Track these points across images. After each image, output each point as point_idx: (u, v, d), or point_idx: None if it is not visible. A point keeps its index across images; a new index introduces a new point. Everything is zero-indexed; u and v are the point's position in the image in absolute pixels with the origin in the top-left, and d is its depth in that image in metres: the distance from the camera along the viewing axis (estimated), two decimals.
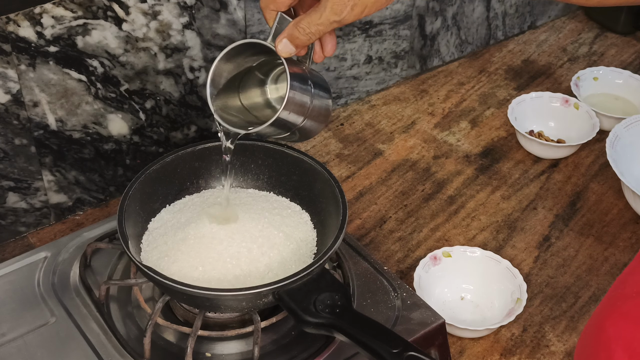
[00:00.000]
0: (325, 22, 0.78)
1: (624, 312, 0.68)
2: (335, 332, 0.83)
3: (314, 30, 0.79)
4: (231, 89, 0.90)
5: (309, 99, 0.85)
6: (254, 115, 0.91)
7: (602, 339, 0.69)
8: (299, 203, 1.01)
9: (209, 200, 1.00)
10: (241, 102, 0.91)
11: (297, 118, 0.85)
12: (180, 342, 0.91)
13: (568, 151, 1.30)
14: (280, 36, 0.80)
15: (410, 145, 1.33)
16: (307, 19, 0.79)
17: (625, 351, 0.66)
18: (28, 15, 0.96)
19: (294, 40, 0.80)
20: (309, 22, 0.79)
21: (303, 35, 0.79)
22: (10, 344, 0.90)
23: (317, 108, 0.87)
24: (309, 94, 0.85)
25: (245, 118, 0.90)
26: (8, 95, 1.00)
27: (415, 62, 1.46)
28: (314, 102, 0.86)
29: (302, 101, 0.85)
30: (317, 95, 0.86)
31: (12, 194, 1.07)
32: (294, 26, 0.80)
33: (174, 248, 0.92)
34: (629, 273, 0.71)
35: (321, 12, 0.78)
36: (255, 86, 0.91)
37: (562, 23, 1.65)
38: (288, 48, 0.80)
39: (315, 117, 0.88)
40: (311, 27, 0.79)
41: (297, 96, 0.83)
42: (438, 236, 1.16)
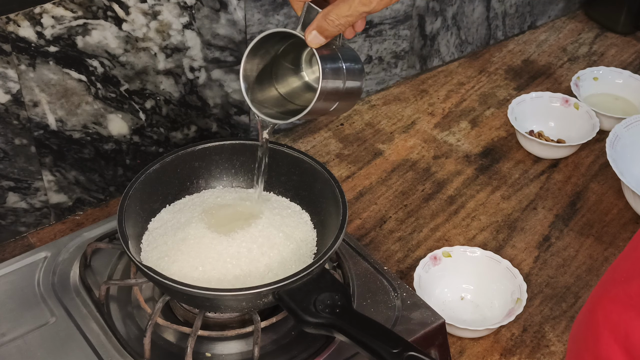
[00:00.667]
0: (354, 14, 0.79)
1: (612, 296, 0.69)
2: (335, 332, 0.83)
3: (343, 22, 0.79)
4: (265, 81, 0.90)
5: (341, 81, 0.85)
6: (293, 103, 0.91)
7: (591, 322, 0.70)
8: (299, 203, 1.01)
9: (209, 200, 1.01)
10: (278, 92, 0.91)
11: (333, 100, 0.86)
12: (180, 342, 0.91)
13: (568, 151, 1.30)
14: (310, 27, 0.81)
15: (410, 145, 1.33)
16: (336, 10, 0.79)
17: (612, 333, 0.67)
18: (28, 15, 0.96)
19: (324, 32, 0.80)
20: (337, 14, 0.79)
21: (332, 27, 0.80)
22: (10, 344, 0.90)
23: (350, 85, 0.87)
24: (342, 74, 0.85)
25: (283, 107, 0.90)
26: (8, 95, 1.00)
27: (415, 62, 1.46)
28: (347, 81, 0.86)
29: (336, 86, 0.85)
30: (350, 73, 0.86)
31: (12, 194, 1.07)
32: (322, 18, 0.80)
33: (174, 248, 0.92)
34: (621, 259, 0.72)
35: (350, 3, 0.78)
36: (290, 72, 0.91)
37: (562, 23, 1.65)
38: (318, 39, 0.81)
39: (349, 93, 0.88)
40: (340, 19, 0.79)
41: (329, 83, 0.83)
42: (438, 236, 1.16)
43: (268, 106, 0.90)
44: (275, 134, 1.32)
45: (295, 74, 0.92)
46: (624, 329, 0.66)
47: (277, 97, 0.91)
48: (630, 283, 0.68)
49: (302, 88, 0.92)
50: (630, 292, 0.67)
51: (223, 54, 1.16)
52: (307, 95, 0.90)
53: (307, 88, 0.91)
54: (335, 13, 0.79)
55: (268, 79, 0.90)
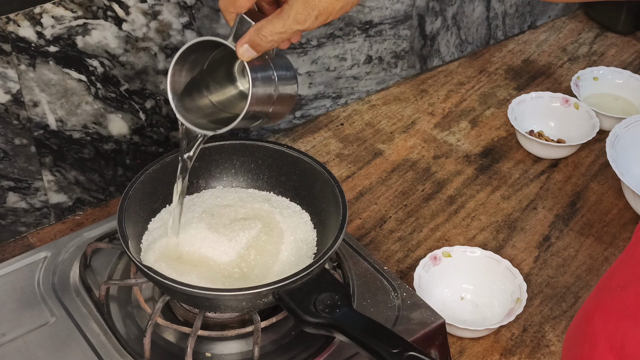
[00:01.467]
0: (288, 31, 0.78)
1: (608, 304, 0.69)
2: (335, 332, 0.83)
3: (276, 39, 0.79)
4: (195, 90, 0.88)
5: (273, 89, 0.84)
6: (227, 112, 0.89)
7: (588, 330, 0.70)
8: (299, 203, 1.01)
9: (209, 200, 1.01)
10: (211, 101, 0.89)
11: (265, 109, 0.84)
12: (180, 342, 0.91)
13: (568, 151, 1.30)
14: (241, 41, 0.80)
15: (410, 145, 1.33)
16: (270, 27, 0.78)
17: (608, 343, 0.67)
18: (28, 15, 0.96)
19: (255, 47, 0.79)
20: (271, 31, 0.78)
21: (265, 42, 0.79)
22: (10, 344, 0.90)
23: (283, 95, 0.86)
24: (273, 83, 0.84)
25: (216, 116, 0.89)
26: (8, 95, 1.00)
27: (415, 62, 1.46)
28: (279, 89, 0.85)
29: (267, 94, 0.83)
30: (282, 81, 0.85)
31: (12, 194, 1.07)
32: (255, 33, 0.79)
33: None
34: (617, 266, 0.72)
35: (284, 20, 0.77)
36: (223, 80, 0.90)
37: (562, 23, 1.65)
38: (249, 53, 0.80)
39: (281, 102, 0.87)
40: (273, 35, 0.78)
41: (260, 91, 0.82)
42: (438, 236, 1.16)
43: (199, 116, 0.88)
44: (275, 134, 1.32)
45: (228, 82, 0.90)
46: (620, 339, 0.66)
47: (208, 106, 0.89)
48: (626, 291, 0.68)
49: (236, 96, 0.90)
50: (626, 301, 0.67)
51: None
52: (242, 104, 0.87)
53: (241, 96, 0.90)
54: (268, 29, 0.78)
55: (198, 88, 0.88)
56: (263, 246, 0.93)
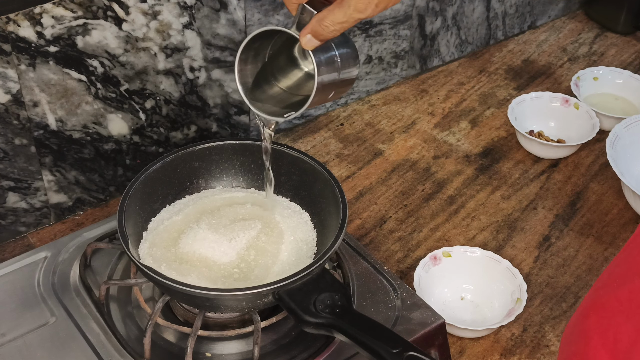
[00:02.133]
0: (349, 20, 0.80)
1: (603, 302, 0.69)
2: (335, 332, 0.83)
3: (338, 28, 0.80)
4: (262, 80, 0.90)
5: (337, 71, 0.86)
6: (298, 95, 0.91)
7: (582, 327, 0.70)
8: (299, 203, 1.01)
9: (209, 200, 1.01)
10: (280, 87, 0.91)
11: (330, 88, 0.86)
12: (180, 342, 0.91)
13: (568, 151, 1.30)
14: (305, 31, 0.81)
15: (410, 145, 1.33)
16: (331, 16, 0.80)
17: (601, 339, 0.67)
18: (28, 15, 0.96)
19: (318, 37, 0.81)
20: (332, 21, 0.80)
21: (327, 32, 0.81)
22: (10, 344, 0.90)
23: (345, 72, 0.88)
24: (337, 64, 0.86)
25: (288, 101, 0.91)
26: (8, 95, 1.00)
27: (415, 62, 1.46)
28: (342, 70, 0.87)
29: (332, 77, 0.85)
30: (344, 60, 0.87)
31: (12, 194, 1.07)
32: (317, 23, 0.80)
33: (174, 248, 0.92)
34: (615, 265, 0.72)
35: (345, 9, 0.79)
36: (287, 65, 0.92)
37: (562, 23, 1.65)
38: (312, 42, 0.82)
39: (345, 80, 0.88)
40: (335, 25, 0.80)
41: (325, 77, 0.84)
42: (438, 236, 1.16)
43: (270, 104, 0.90)
44: (275, 134, 1.32)
45: (292, 65, 0.92)
46: (613, 335, 0.67)
47: (279, 93, 0.92)
48: (621, 289, 0.68)
49: (303, 78, 0.92)
50: (620, 298, 0.68)
51: (223, 54, 1.16)
52: (310, 84, 0.90)
53: (308, 77, 0.92)
54: (330, 19, 0.80)
55: (265, 77, 0.91)
56: (263, 246, 0.93)
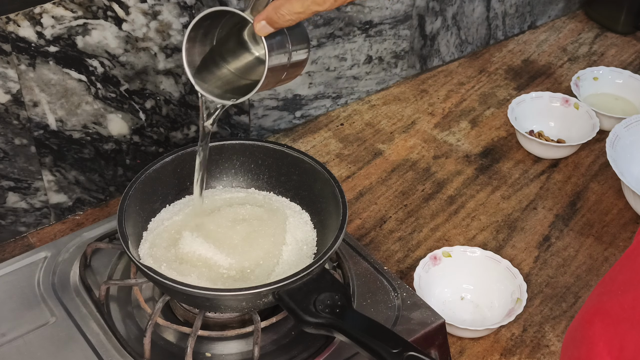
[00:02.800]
0: (306, 11, 0.79)
1: (608, 308, 0.69)
2: (335, 332, 0.83)
3: (294, 18, 0.80)
4: (211, 62, 0.89)
5: (287, 57, 0.85)
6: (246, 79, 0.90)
7: (587, 333, 0.70)
8: (299, 203, 1.01)
9: (209, 200, 1.00)
10: (229, 70, 0.90)
11: (281, 72, 0.86)
12: (180, 342, 0.91)
13: (568, 151, 1.30)
14: (259, 17, 0.81)
15: (410, 145, 1.33)
16: (288, 6, 0.79)
17: (606, 346, 0.67)
18: (28, 15, 0.96)
19: (273, 24, 0.81)
20: (289, 10, 0.79)
21: (283, 21, 0.80)
22: (10, 344, 0.90)
23: (296, 60, 0.87)
24: (288, 52, 0.85)
25: (236, 84, 0.90)
26: (8, 95, 1.00)
27: (415, 62, 1.46)
28: (293, 57, 0.86)
29: (282, 61, 0.85)
30: (296, 49, 0.86)
31: (12, 194, 1.07)
32: (273, 11, 0.80)
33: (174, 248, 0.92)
34: (619, 271, 0.72)
35: (303, 1, 0.78)
36: (237, 48, 0.90)
37: (562, 23, 1.65)
38: (266, 29, 0.81)
39: (294, 66, 0.88)
40: (292, 15, 0.79)
41: (275, 60, 0.83)
42: (438, 236, 1.16)
43: (219, 86, 0.89)
44: (275, 134, 1.32)
45: (242, 48, 0.91)
46: (619, 342, 0.66)
47: (227, 75, 0.90)
48: (626, 295, 0.68)
49: (253, 62, 0.91)
50: (624, 305, 0.67)
51: None
52: (259, 69, 0.88)
53: (258, 61, 0.91)
54: (287, 8, 0.79)
55: (213, 59, 0.89)
56: (263, 246, 0.93)
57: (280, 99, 1.29)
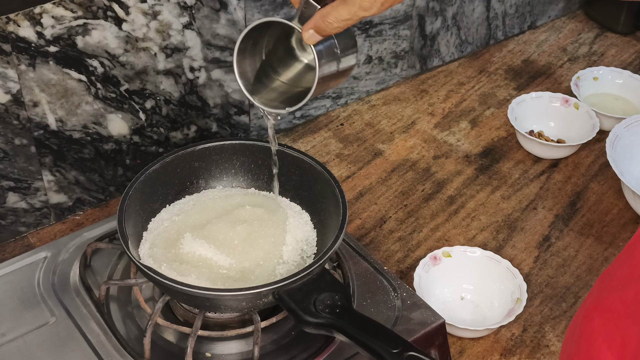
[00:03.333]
0: (353, 18, 0.79)
1: (608, 303, 0.69)
2: (335, 332, 0.83)
3: (342, 25, 0.80)
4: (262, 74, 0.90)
5: (336, 61, 0.85)
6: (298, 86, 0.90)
7: (586, 329, 0.70)
8: (299, 203, 1.01)
9: (209, 200, 1.00)
10: (280, 80, 0.91)
11: (331, 79, 0.86)
12: (180, 342, 0.91)
13: (568, 151, 1.30)
14: (307, 25, 0.81)
15: (410, 145, 1.33)
16: (335, 13, 0.79)
17: (606, 341, 0.67)
18: (28, 15, 0.96)
19: (321, 32, 0.81)
20: (336, 17, 0.79)
21: (331, 29, 0.80)
22: (10, 344, 0.90)
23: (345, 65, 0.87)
24: (337, 55, 0.85)
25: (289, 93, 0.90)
26: (8, 95, 1.00)
27: (415, 62, 1.46)
28: (342, 62, 0.86)
29: (332, 68, 0.85)
30: (344, 54, 0.86)
31: (12, 194, 1.07)
32: (321, 19, 0.80)
33: (174, 248, 0.92)
34: (617, 266, 0.72)
35: (350, 7, 0.78)
36: (286, 57, 0.91)
37: (562, 23, 1.65)
38: (315, 38, 0.81)
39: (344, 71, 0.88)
40: (339, 22, 0.79)
41: (325, 69, 0.84)
42: (438, 236, 1.16)
43: (269, 97, 0.90)
44: (275, 134, 1.32)
45: (290, 56, 0.91)
46: (620, 337, 0.66)
47: (278, 85, 0.91)
48: (626, 290, 0.68)
49: (303, 69, 0.91)
50: (626, 300, 0.67)
51: (223, 54, 1.16)
52: (310, 76, 0.89)
53: (308, 68, 0.91)
54: (334, 16, 0.79)
55: (263, 69, 0.90)
56: (263, 246, 0.93)
57: None
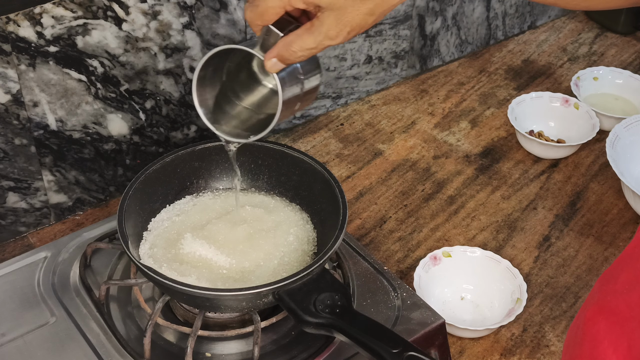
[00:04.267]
0: (318, 47, 0.76)
1: (613, 306, 0.69)
2: (335, 332, 0.83)
3: (306, 54, 0.77)
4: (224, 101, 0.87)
5: (300, 87, 0.83)
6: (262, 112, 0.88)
7: (590, 331, 0.70)
8: (299, 203, 1.01)
9: (209, 200, 1.00)
10: (243, 106, 0.89)
11: (295, 103, 0.84)
12: (180, 342, 0.91)
13: (568, 151, 1.30)
14: (270, 54, 0.78)
15: (410, 145, 1.33)
16: (300, 42, 0.76)
17: (611, 344, 0.67)
18: (28, 15, 0.96)
19: (285, 61, 0.78)
20: (301, 46, 0.76)
21: (294, 57, 0.77)
22: (10, 344, 0.90)
23: (309, 87, 0.85)
24: (300, 82, 0.83)
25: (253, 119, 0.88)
26: (8, 95, 1.00)
27: (415, 62, 1.46)
28: (306, 85, 0.84)
29: (295, 93, 0.82)
30: (308, 77, 0.84)
31: (12, 194, 1.07)
32: (284, 48, 0.77)
33: (174, 248, 0.92)
34: (621, 269, 0.72)
35: (315, 36, 0.75)
36: (248, 82, 0.88)
37: (562, 23, 1.65)
38: (277, 66, 0.78)
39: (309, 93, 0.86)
40: (304, 51, 0.77)
41: (289, 93, 0.81)
42: (438, 236, 1.16)
43: (232, 124, 0.87)
44: (275, 134, 1.32)
45: (253, 81, 0.88)
46: (627, 341, 0.66)
47: (241, 111, 0.88)
48: (631, 294, 0.68)
49: (266, 94, 0.88)
50: (630, 303, 0.67)
51: None
52: (274, 100, 0.85)
53: (272, 92, 0.88)
54: (298, 45, 0.76)
55: (225, 95, 0.87)
56: (263, 246, 0.93)
57: None
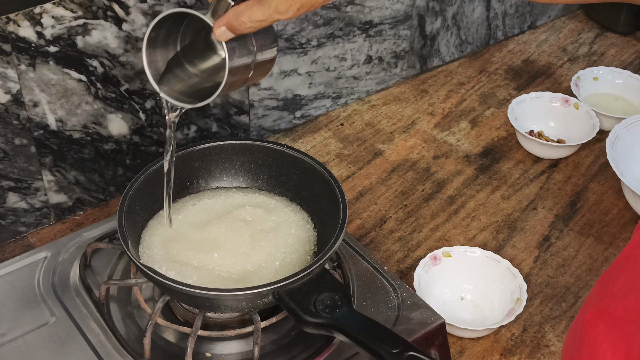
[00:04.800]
0: (268, 19, 0.77)
1: (611, 310, 0.69)
2: (335, 332, 0.83)
3: (255, 25, 0.77)
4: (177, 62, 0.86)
5: (251, 59, 0.82)
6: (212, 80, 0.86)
7: (589, 334, 0.69)
8: (299, 203, 1.01)
9: (210, 200, 1.00)
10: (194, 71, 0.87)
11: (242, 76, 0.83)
12: (180, 342, 0.91)
13: (568, 151, 1.30)
14: (219, 22, 0.78)
15: (410, 145, 1.33)
16: (249, 13, 0.77)
17: (610, 348, 0.67)
18: (28, 15, 0.96)
19: (234, 31, 0.78)
20: (250, 17, 0.77)
21: (243, 28, 0.78)
22: (10, 344, 0.90)
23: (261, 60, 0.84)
24: (252, 54, 0.82)
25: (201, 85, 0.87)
26: (8, 95, 1.00)
27: (415, 62, 1.46)
28: (258, 58, 0.83)
29: (245, 63, 0.82)
30: (262, 49, 0.83)
31: (12, 194, 1.07)
32: (234, 17, 0.77)
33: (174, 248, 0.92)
34: (620, 271, 0.72)
35: (265, 9, 0.76)
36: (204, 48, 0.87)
37: (562, 23, 1.65)
38: (226, 35, 0.79)
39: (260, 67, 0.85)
40: (253, 22, 0.77)
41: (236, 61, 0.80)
42: (438, 236, 1.16)
43: (180, 88, 0.86)
44: (275, 134, 1.32)
45: (210, 51, 0.87)
46: (625, 344, 0.66)
47: (192, 77, 0.87)
48: (629, 297, 0.68)
49: (220, 63, 0.86)
50: (627, 307, 0.67)
51: None
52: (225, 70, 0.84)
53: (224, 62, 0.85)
54: (247, 16, 0.77)
55: (178, 60, 0.87)
56: (263, 246, 0.93)
57: (280, 99, 1.29)
